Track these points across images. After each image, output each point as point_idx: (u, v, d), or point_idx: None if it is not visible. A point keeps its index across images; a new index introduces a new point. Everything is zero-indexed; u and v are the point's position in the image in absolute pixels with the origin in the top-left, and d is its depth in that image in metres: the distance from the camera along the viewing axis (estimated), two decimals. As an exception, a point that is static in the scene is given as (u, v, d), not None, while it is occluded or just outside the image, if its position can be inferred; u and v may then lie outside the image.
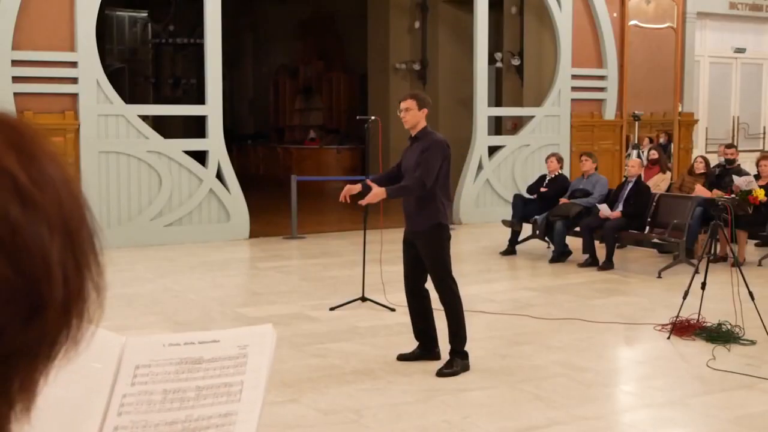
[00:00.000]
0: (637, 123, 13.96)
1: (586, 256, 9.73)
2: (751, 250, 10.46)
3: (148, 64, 22.15)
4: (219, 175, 11.48)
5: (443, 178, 5.85)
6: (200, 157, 11.46)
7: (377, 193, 5.85)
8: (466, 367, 5.74)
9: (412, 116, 5.86)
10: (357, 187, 6.12)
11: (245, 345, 1.12)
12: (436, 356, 5.93)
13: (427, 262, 5.82)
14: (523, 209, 10.65)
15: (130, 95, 17.88)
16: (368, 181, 6.02)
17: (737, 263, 7.42)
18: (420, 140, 5.87)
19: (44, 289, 0.62)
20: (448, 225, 5.89)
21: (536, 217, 10.38)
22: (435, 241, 5.78)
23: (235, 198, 11.56)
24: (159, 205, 11.12)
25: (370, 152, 8.47)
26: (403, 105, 5.92)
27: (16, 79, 10.32)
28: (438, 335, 5.99)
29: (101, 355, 1.08)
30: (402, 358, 5.99)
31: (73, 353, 0.66)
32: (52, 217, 0.63)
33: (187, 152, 11.39)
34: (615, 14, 14.27)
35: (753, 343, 6.42)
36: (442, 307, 5.85)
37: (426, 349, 5.99)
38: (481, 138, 13.35)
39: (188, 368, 1.10)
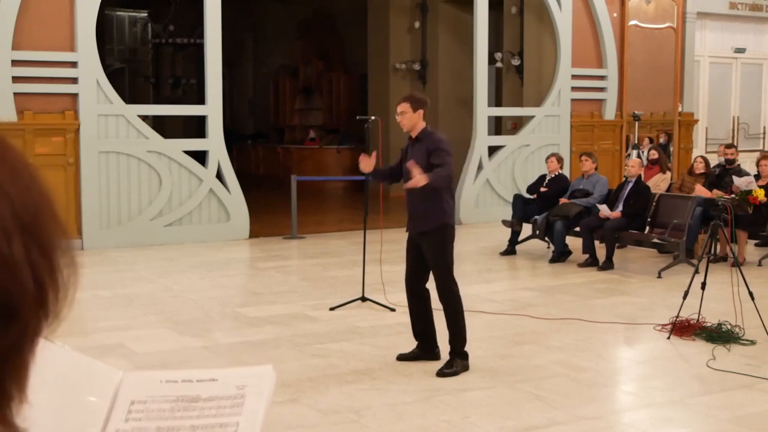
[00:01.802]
0: (637, 123, 13.96)
1: (586, 256, 9.73)
2: (751, 250, 10.46)
3: (148, 64, 22.17)
4: (219, 175, 11.48)
5: None
6: (200, 157, 11.46)
7: (420, 178, 5.63)
8: (466, 368, 5.74)
9: (408, 119, 5.90)
10: (371, 160, 6.11)
11: (243, 385, 1.10)
12: (436, 356, 5.93)
13: (431, 262, 5.82)
14: (523, 209, 10.64)
15: (130, 95, 17.90)
16: (409, 164, 5.74)
17: (737, 263, 7.43)
18: (423, 141, 5.87)
19: (15, 294, 0.62)
20: (453, 225, 5.88)
21: (536, 217, 10.37)
22: (440, 242, 5.78)
23: (235, 198, 11.55)
24: (159, 205, 11.12)
25: (370, 152, 8.45)
26: (398, 109, 5.96)
27: (16, 79, 10.31)
28: (438, 335, 5.99)
29: (97, 388, 1.07)
30: (402, 358, 5.99)
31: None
32: (6, 222, 0.62)
33: (187, 152, 11.39)
34: (615, 14, 14.27)
35: (753, 343, 6.42)
36: (441, 307, 5.85)
37: (425, 349, 5.99)
38: (481, 138, 13.35)
39: (184, 406, 1.08)
